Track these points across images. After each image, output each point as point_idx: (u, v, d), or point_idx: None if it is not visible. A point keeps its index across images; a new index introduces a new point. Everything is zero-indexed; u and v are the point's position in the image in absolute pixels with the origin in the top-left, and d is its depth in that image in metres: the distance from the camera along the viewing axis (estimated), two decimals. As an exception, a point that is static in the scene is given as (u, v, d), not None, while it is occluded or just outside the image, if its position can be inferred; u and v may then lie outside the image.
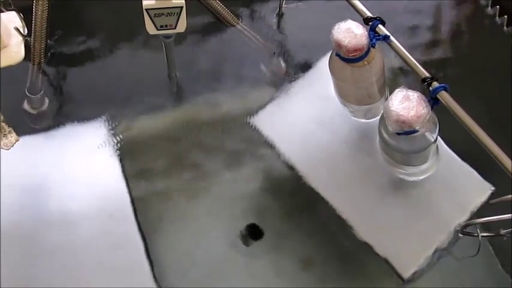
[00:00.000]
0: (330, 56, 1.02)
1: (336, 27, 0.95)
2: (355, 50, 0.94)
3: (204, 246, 1.04)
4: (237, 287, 1.01)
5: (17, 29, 1.23)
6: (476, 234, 0.99)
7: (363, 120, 1.14)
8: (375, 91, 1.05)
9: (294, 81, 1.23)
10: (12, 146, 1.12)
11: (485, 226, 1.01)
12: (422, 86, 0.93)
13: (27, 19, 1.22)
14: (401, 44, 0.96)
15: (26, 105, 1.19)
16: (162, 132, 1.18)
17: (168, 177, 1.12)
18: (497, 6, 1.32)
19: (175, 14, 1.01)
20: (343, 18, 0.96)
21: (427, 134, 0.94)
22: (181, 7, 1.00)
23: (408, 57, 0.95)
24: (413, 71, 0.95)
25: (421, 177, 1.07)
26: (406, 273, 1.01)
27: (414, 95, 0.89)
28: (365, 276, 1.03)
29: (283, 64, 1.27)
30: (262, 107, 1.20)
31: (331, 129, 1.15)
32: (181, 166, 1.13)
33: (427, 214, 1.05)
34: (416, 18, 1.34)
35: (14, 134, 1.13)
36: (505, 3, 1.31)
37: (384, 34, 0.96)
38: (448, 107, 0.89)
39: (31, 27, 1.19)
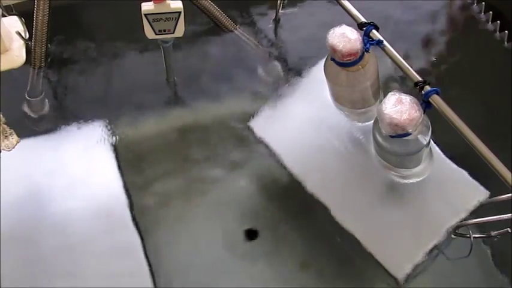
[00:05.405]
0: (325, 61, 1.04)
1: (330, 32, 0.97)
2: (350, 55, 0.95)
3: (202, 249, 1.04)
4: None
5: (19, 33, 1.24)
6: (468, 236, 1.01)
7: (358, 124, 1.15)
8: (370, 95, 1.06)
9: (290, 85, 1.24)
10: (14, 147, 1.13)
11: (479, 227, 1.02)
12: (415, 89, 0.95)
13: (28, 23, 1.24)
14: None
15: (26, 108, 1.20)
16: (160, 136, 1.19)
17: (166, 181, 1.12)
18: (491, 12, 1.33)
19: (174, 19, 1.03)
20: (338, 24, 0.98)
21: (419, 137, 0.95)
22: (180, 12, 1.02)
23: (401, 61, 0.96)
24: (406, 75, 0.96)
25: (415, 180, 1.08)
26: (401, 275, 1.01)
27: (407, 99, 0.90)
28: (361, 277, 1.03)
29: (279, 68, 1.28)
30: (259, 111, 1.21)
31: (327, 133, 1.16)
32: (179, 169, 1.14)
33: (421, 216, 1.06)
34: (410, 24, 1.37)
35: (15, 136, 1.14)
36: (499, 8, 1.33)
37: (377, 39, 0.98)
38: (440, 110, 0.91)
39: (32, 32, 1.21)
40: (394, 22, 1.34)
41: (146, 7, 1.00)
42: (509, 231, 0.93)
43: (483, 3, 1.35)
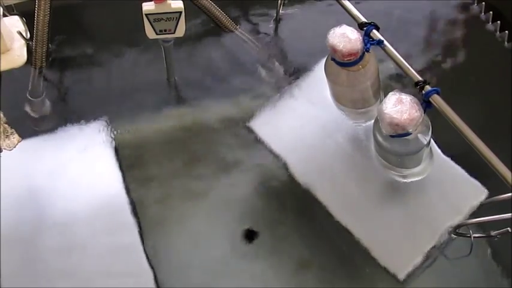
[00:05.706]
0: (326, 61, 1.04)
1: (331, 32, 0.97)
2: (350, 55, 0.96)
3: (203, 249, 1.04)
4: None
5: (20, 33, 1.25)
6: (468, 235, 1.01)
7: (359, 124, 1.15)
8: (370, 95, 1.07)
9: (290, 85, 1.25)
10: (15, 147, 1.14)
11: (479, 227, 1.02)
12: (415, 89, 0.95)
13: (29, 23, 1.24)
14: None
15: (27, 108, 1.20)
16: (161, 136, 1.19)
17: (167, 181, 1.12)
18: (491, 12, 1.34)
19: (175, 19, 1.03)
20: (338, 24, 0.98)
21: (420, 136, 0.95)
22: (180, 12, 1.02)
23: (401, 61, 0.96)
24: (406, 75, 0.97)
25: (415, 179, 1.08)
26: (402, 274, 1.02)
27: (407, 98, 0.90)
28: (362, 277, 1.03)
29: (280, 69, 1.29)
30: (259, 111, 1.21)
31: (327, 133, 1.16)
32: (179, 169, 1.14)
33: (421, 216, 1.07)
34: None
35: (16, 135, 1.15)
36: (499, 8, 1.33)
37: (378, 39, 0.98)
38: (440, 110, 0.91)
39: (33, 32, 1.21)
40: (394, 22, 1.35)
41: (147, 7, 1.00)
42: (510, 230, 0.93)
43: (483, 3, 1.35)
